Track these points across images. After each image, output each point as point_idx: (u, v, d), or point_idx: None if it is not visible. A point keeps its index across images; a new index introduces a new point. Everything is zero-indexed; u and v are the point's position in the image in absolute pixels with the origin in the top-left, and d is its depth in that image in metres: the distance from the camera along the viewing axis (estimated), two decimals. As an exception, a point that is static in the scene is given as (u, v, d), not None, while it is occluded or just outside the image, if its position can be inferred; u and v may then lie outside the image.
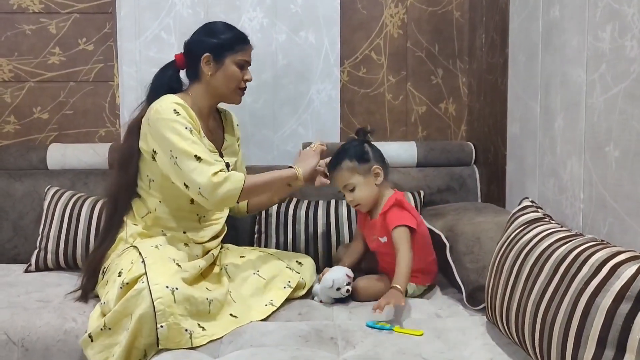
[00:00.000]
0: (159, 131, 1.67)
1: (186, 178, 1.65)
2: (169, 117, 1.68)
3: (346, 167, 1.80)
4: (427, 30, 2.53)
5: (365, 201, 1.82)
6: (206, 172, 1.63)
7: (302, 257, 1.91)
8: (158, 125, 1.68)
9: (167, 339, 1.44)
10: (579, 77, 1.54)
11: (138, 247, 1.68)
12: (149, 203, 1.80)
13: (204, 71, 1.80)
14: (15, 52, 2.48)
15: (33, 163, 2.35)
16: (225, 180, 1.65)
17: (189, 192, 1.68)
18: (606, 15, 1.40)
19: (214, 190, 1.64)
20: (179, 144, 1.65)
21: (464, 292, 1.72)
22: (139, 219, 1.81)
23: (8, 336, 1.61)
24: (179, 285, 1.51)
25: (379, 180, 1.81)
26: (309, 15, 2.45)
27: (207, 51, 1.78)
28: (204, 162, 1.65)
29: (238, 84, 1.83)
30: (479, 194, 2.39)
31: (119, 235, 1.79)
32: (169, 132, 1.66)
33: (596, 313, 1.04)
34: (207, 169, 1.64)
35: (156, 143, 1.70)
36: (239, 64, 1.82)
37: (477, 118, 2.45)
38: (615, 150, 1.37)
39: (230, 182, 1.65)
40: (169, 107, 1.70)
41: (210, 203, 1.67)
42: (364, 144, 1.85)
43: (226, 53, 1.79)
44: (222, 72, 1.80)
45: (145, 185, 1.80)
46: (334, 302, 1.74)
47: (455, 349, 1.41)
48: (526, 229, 1.44)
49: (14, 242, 2.24)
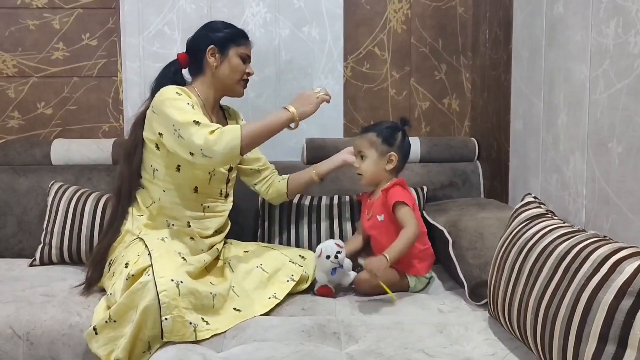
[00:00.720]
0: (162, 111, 1.71)
1: (190, 145, 1.67)
2: (171, 97, 1.73)
3: (369, 138, 1.86)
4: (431, 26, 2.52)
5: (368, 175, 1.87)
6: (203, 132, 1.65)
7: (305, 252, 1.92)
8: (161, 106, 1.72)
9: (171, 331, 1.46)
10: (582, 73, 1.54)
11: (144, 240, 1.70)
12: (153, 193, 1.82)
13: (209, 63, 1.85)
14: (19, 48, 2.48)
15: (37, 158, 2.36)
16: (222, 133, 1.65)
17: (196, 160, 1.68)
18: (610, 10, 1.40)
19: (213, 146, 1.64)
20: (180, 116, 1.68)
21: (467, 287, 1.72)
22: (144, 209, 1.83)
23: (13, 330, 1.62)
24: (184, 278, 1.52)
25: (389, 166, 1.86)
26: (312, 10, 2.44)
27: (212, 43, 1.84)
28: (202, 125, 1.66)
29: (241, 76, 1.89)
30: (482, 189, 2.39)
31: (126, 227, 1.80)
32: (171, 108, 1.70)
33: (598, 309, 1.04)
34: (204, 130, 1.66)
35: (161, 124, 1.73)
36: (242, 56, 1.88)
37: (481, 114, 2.45)
38: (619, 147, 1.37)
39: (227, 133, 1.66)
40: (172, 89, 1.75)
41: (214, 160, 1.67)
42: (398, 130, 1.89)
43: (230, 45, 1.85)
44: (227, 64, 1.85)
45: (150, 175, 1.82)
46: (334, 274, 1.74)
47: (458, 344, 1.42)
48: (529, 225, 1.44)
49: (19, 237, 2.25)
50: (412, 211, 1.77)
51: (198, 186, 1.83)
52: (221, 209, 1.92)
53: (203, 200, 1.86)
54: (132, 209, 1.84)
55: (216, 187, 1.90)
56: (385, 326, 1.51)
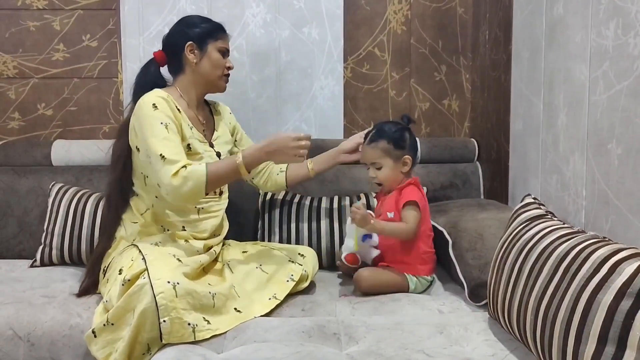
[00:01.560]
0: (139, 128, 1.70)
1: (156, 178, 1.68)
2: (147, 113, 1.70)
3: (382, 147, 1.85)
4: (431, 27, 2.53)
5: (386, 183, 1.87)
6: (167, 173, 1.64)
7: (304, 249, 1.92)
8: (139, 122, 1.71)
9: (170, 333, 1.46)
10: (582, 74, 1.54)
11: (138, 246, 1.69)
12: (146, 200, 1.82)
13: (188, 60, 1.83)
14: (20, 49, 2.49)
15: (37, 159, 2.36)
16: (186, 179, 1.64)
17: (161, 192, 1.69)
18: (610, 11, 1.40)
19: (176, 191, 1.64)
20: (151, 142, 1.67)
21: (466, 288, 1.72)
22: (139, 216, 1.82)
23: (14, 331, 1.62)
24: (180, 279, 1.52)
25: (405, 169, 1.87)
26: (312, 11, 2.45)
27: (189, 40, 1.82)
28: (167, 161, 1.64)
29: (222, 71, 1.87)
30: (482, 190, 2.39)
31: (120, 234, 1.80)
32: (145, 129, 1.69)
33: (597, 310, 1.05)
34: (168, 169, 1.64)
35: (138, 139, 1.72)
36: (221, 51, 1.86)
37: (481, 114, 2.45)
38: (618, 148, 1.37)
39: (192, 180, 1.64)
40: (149, 101, 1.72)
41: (175, 202, 1.69)
42: (405, 131, 1.88)
43: (208, 40, 1.83)
44: (206, 59, 1.83)
45: (141, 182, 1.81)
46: (365, 239, 1.82)
47: (458, 345, 1.42)
48: (528, 226, 1.44)
49: (19, 238, 2.25)
50: (418, 215, 1.78)
51: None
52: (216, 208, 1.91)
53: (197, 202, 1.84)
54: (126, 215, 1.84)
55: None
56: (386, 327, 1.51)
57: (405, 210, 1.78)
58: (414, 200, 1.79)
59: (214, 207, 1.90)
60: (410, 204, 1.79)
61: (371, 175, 1.88)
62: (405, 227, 1.77)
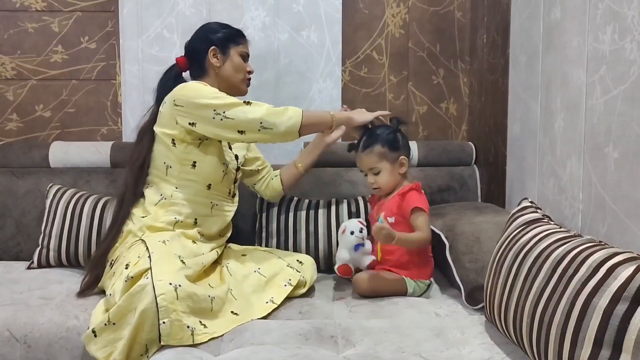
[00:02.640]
0: (193, 101, 1.75)
1: (241, 123, 1.74)
2: (199, 87, 1.79)
3: (377, 152, 1.85)
4: (429, 30, 2.54)
5: (386, 186, 1.88)
6: (262, 107, 1.75)
7: (303, 257, 1.93)
8: (191, 97, 1.76)
9: (168, 335, 1.46)
10: (579, 79, 1.55)
11: (146, 241, 1.70)
12: (164, 190, 1.83)
13: (212, 63, 1.90)
14: (18, 50, 2.49)
15: (35, 161, 2.36)
16: (286, 109, 1.77)
17: (246, 137, 1.75)
18: (606, 17, 1.41)
19: (276, 118, 1.74)
20: (222, 100, 1.75)
21: (463, 291, 1.73)
22: (151, 207, 1.82)
23: (11, 333, 1.62)
24: (182, 282, 1.52)
25: (403, 169, 1.88)
26: (311, 14, 2.45)
27: (213, 44, 1.89)
28: (256, 103, 1.76)
29: (244, 74, 1.94)
30: (479, 193, 2.39)
31: (128, 228, 1.81)
32: (206, 97, 1.76)
33: (593, 313, 1.05)
34: (262, 105, 1.75)
35: (192, 114, 1.76)
36: (242, 55, 1.94)
37: (478, 118, 2.46)
38: (615, 152, 1.37)
39: (291, 110, 1.77)
40: (194, 83, 1.82)
41: (274, 132, 1.75)
42: (396, 132, 1.89)
43: (230, 45, 1.92)
44: (229, 63, 1.91)
45: (161, 172, 1.83)
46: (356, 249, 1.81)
47: (454, 348, 1.42)
48: (525, 230, 1.45)
49: (17, 239, 2.25)
50: (428, 220, 1.79)
51: (212, 183, 1.85)
52: (227, 209, 1.94)
53: (213, 198, 1.88)
54: (135, 210, 1.84)
55: (226, 186, 1.93)
56: (382, 330, 1.52)
57: (416, 218, 1.78)
58: (420, 207, 1.79)
59: (226, 207, 1.93)
60: (417, 211, 1.79)
61: (370, 181, 1.89)
62: (423, 236, 1.77)
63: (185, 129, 1.78)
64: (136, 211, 1.84)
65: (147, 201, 1.84)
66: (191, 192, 1.83)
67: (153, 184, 1.85)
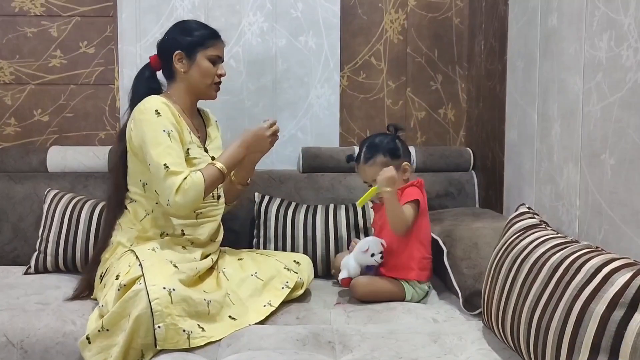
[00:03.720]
0: (141, 134, 1.72)
1: (158, 187, 1.71)
2: (149, 119, 1.72)
3: (380, 162, 1.85)
4: (427, 36, 2.54)
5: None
6: (171, 188, 1.67)
7: (300, 257, 1.92)
8: (141, 128, 1.72)
9: (164, 339, 1.46)
10: (576, 85, 1.55)
11: (135, 251, 1.69)
12: (146, 205, 1.81)
13: (177, 68, 1.84)
14: (17, 55, 2.49)
15: (33, 165, 2.36)
16: (187, 192, 1.68)
17: (160, 200, 1.72)
18: (603, 24, 1.41)
19: (178, 205, 1.68)
20: (153, 151, 1.69)
21: (461, 297, 1.73)
22: (137, 222, 1.82)
23: (7, 338, 1.61)
24: (176, 286, 1.52)
25: (407, 175, 1.88)
26: (309, 20, 2.46)
27: (178, 48, 1.83)
28: (170, 172, 1.67)
29: (212, 79, 1.87)
30: (477, 199, 2.40)
31: (117, 239, 1.80)
32: (147, 136, 1.71)
33: (590, 319, 1.05)
34: (171, 183, 1.67)
35: (137, 144, 1.73)
36: (211, 59, 1.85)
37: (476, 124, 2.46)
38: (611, 158, 1.38)
39: (193, 190, 1.68)
40: (152, 106, 1.74)
41: (178, 214, 1.73)
42: (396, 139, 1.89)
43: (197, 49, 1.83)
44: (195, 68, 1.84)
45: (140, 189, 1.82)
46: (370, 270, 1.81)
47: (452, 354, 1.42)
48: (522, 235, 1.45)
49: (14, 244, 2.24)
50: (414, 213, 1.79)
51: None
52: (214, 213, 1.90)
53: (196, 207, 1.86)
54: (123, 221, 1.84)
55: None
56: (380, 335, 1.52)
57: (404, 207, 1.79)
58: (416, 199, 1.80)
59: (212, 211, 1.90)
60: (409, 203, 1.79)
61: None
62: (403, 215, 1.77)
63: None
64: (123, 223, 1.83)
65: (133, 216, 1.83)
66: None
67: (135, 200, 1.84)
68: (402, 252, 1.82)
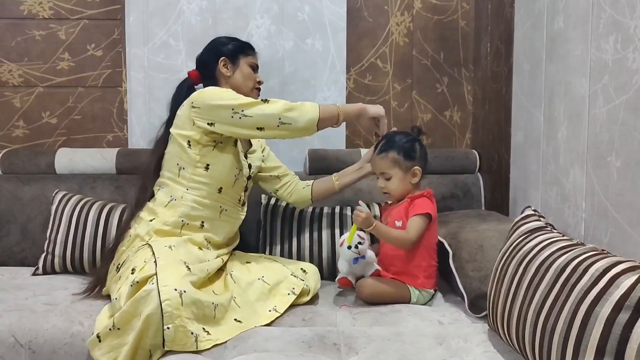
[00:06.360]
0: (211, 103, 1.79)
1: (260, 120, 1.77)
2: (216, 90, 1.85)
3: (391, 158, 1.85)
4: (433, 39, 2.55)
5: (394, 193, 1.88)
6: (279, 104, 1.77)
7: (307, 266, 1.93)
8: (208, 99, 1.80)
9: (172, 340, 1.47)
10: (582, 87, 1.55)
11: (152, 246, 1.71)
12: (174, 191, 1.84)
13: (222, 73, 1.96)
14: (25, 58, 2.51)
15: (41, 167, 2.38)
16: (302, 104, 1.78)
17: (266, 133, 1.78)
18: (609, 26, 1.41)
19: (294, 113, 1.76)
20: (239, 100, 1.78)
21: (466, 299, 1.73)
22: (160, 208, 1.83)
23: (15, 338, 1.63)
24: (187, 288, 1.53)
25: (415, 180, 1.87)
26: (315, 22, 2.47)
27: (222, 55, 1.96)
28: (273, 100, 1.78)
29: (254, 84, 2.00)
30: (483, 201, 2.40)
31: (135, 232, 1.82)
32: (223, 98, 1.79)
33: (595, 322, 1.05)
34: (277, 102, 1.77)
35: (210, 115, 1.79)
36: (252, 66, 2.00)
37: (482, 126, 2.46)
38: (617, 161, 1.38)
39: (307, 105, 1.78)
40: (211, 87, 1.88)
41: (293, 127, 1.78)
42: (416, 142, 1.89)
43: (240, 55, 1.99)
44: (239, 73, 1.97)
45: (173, 174, 1.85)
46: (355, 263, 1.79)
47: (457, 356, 1.42)
48: (528, 238, 1.45)
49: (22, 245, 2.26)
50: (422, 227, 1.79)
51: (223, 187, 1.87)
52: (236, 216, 1.96)
53: (223, 202, 1.89)
54: (143, 213, 1.86)
55: (237, 192, 1.94)
56: (385, 337, 1.52)
57: (412, 220, 1.79)
58: (427, 213, 1.79)
59: (235, 214, 1.95)
60: (419, 215, 1.79)
61: (380, 185, 1.89)
62: (405, 236, 1.77)
63: (203, 130, 1.81)
64: (143, 214, 1.86)
65: (157, 202, 1.85)
66: (201, 194, 1.84)
67: (164, 186, 1.87)
68: (410, 261, 1.82)
